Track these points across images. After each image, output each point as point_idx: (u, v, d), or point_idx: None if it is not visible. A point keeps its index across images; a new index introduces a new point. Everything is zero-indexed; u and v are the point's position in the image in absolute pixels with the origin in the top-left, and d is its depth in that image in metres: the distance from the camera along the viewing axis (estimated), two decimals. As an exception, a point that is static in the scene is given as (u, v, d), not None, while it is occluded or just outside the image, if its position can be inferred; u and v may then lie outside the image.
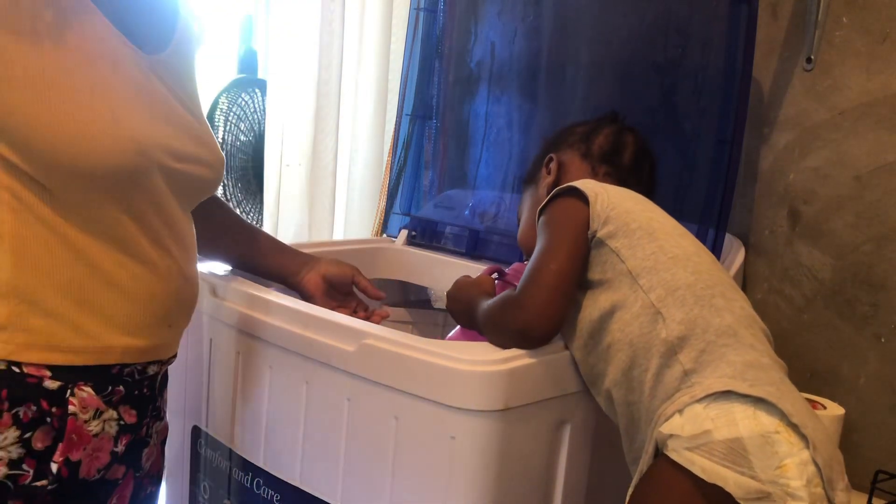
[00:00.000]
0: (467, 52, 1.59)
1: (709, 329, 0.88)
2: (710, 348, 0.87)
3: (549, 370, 0.94)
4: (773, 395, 0.83)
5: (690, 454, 0.82)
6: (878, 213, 1.24)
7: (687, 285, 0.91)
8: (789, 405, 0.83)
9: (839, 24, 1.26)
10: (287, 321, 1.02)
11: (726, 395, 0.83)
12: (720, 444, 0.81)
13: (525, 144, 1.50)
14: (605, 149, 1.17)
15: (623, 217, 0.96)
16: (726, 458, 0.81)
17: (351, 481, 0.98)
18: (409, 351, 0.90)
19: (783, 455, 0.81)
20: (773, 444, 0.81)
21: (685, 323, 0.88)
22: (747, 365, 0.86)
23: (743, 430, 0.81)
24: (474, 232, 1.51)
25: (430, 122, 1.64)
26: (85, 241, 0.81)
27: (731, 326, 0.89)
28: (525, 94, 1.51)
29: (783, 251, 1.34)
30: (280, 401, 1.05)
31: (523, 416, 0.91)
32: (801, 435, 0.81)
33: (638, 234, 0.95)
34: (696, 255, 0.95)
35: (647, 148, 1.20)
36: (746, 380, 0.84)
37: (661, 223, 0.98)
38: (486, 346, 0.93)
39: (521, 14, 1.51)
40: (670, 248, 0.94)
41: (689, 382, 0.86)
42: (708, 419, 0.82)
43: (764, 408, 0.82)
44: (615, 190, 1.01)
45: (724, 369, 0.85)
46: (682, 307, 0.89)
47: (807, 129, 1.30)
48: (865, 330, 1.26)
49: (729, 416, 0.82)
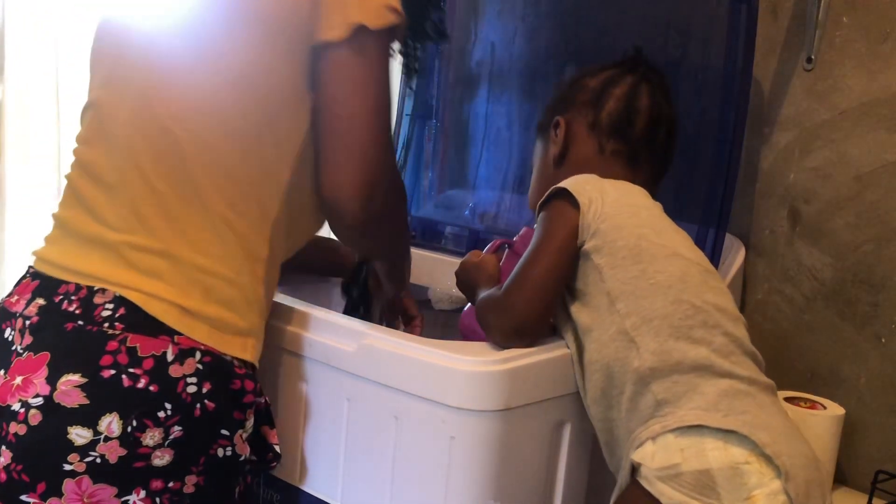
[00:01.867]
0: (467, 52, 1.59)
1: (683, 362, 0.87)
2: (683, 380, 0.87)
3: (549, 370, 0.94)
4: (746, 426, 0.83)
5: (661, 485, 0.84)
6: (878, 213, 1.24)
7: (663, 315, 0.89)
8: (764, 434, 0.83)
9: (839, 24, 1.26)
10: (287, 321, 1.02)
11: (698, 427, 0.84)
12: (689, 475, 0.82)
13: (525, 144, 1.50)
14: (615, 118, 1.07)
15: (611, 234, 0.93)
16: (695, 490, 0.82)
17: (351, 481, 0.98)
18: (409, 351, 0.90)
19: (752, 486, 0.82)
20: (743, 475, 0.82)
21: (658, 354, 0.88)
22: (722, 394, 0.86)
23: (712, 461, 0.82)
24: (474, 232, 1.51)
25: (430, 122, 1.64)
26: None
27: (707, 358, 0.87)
28: (525, 94, 1.51)
29: (783, 251, 1.34)
30: (280, 401, 1.05)
31: (523, 416, 0.91)
32: (773, 465, 0.82)
33: (622, 253, 0.92)
34: (680, 282, 0.91)
35: (663, 109, 1.09)
36: (720, 411, 0.84)
37: (652, 241, 0.94)
38: (486, 345, 0.93)
39: (521, 14, 1.51)
40: (653, 273, 0.91)
41: (662, 412, 0.87)
42: (678, 451, 0.84)
43: (735, 439, 0.83)
44: (613, 197, 0.97)
45: (697, 401, 0.86)
46: (657, 337, 0.88)
47: (807, 129, 1.30)
48: (865, 330, 1.26)
49: (699, 447, 0.83)
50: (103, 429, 0.80)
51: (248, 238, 0.90)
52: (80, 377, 0.81)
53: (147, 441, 0.82)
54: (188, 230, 0.87)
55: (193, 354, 0.84)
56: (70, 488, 0.80)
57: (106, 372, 0.81)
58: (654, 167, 1.10)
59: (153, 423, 0.82)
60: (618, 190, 0.99)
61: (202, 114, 0.88)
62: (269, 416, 0.95)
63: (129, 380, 0.81)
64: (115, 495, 0.81)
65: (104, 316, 0.83)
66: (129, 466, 0.81)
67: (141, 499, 0.82)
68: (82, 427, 0.80)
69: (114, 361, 0.82)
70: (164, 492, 0.83)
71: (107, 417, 0.81)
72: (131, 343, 0.82)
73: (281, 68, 0.89)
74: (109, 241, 0.87)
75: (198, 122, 0.88)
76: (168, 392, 0.82)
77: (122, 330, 0.83)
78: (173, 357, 0.83)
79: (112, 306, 0.84)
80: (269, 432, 0.95)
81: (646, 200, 1.02)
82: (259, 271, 0.91)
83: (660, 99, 1.09)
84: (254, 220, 0.90)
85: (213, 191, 0.87)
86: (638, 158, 1.07)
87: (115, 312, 0.84)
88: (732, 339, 0.90)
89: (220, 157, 0.88)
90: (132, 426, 0.81)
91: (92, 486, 0.81)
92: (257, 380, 0.91)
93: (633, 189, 1.02)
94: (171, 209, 0.87)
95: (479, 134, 1.57)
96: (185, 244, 0.86)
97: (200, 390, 0.84)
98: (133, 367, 0.82)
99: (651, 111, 1.08)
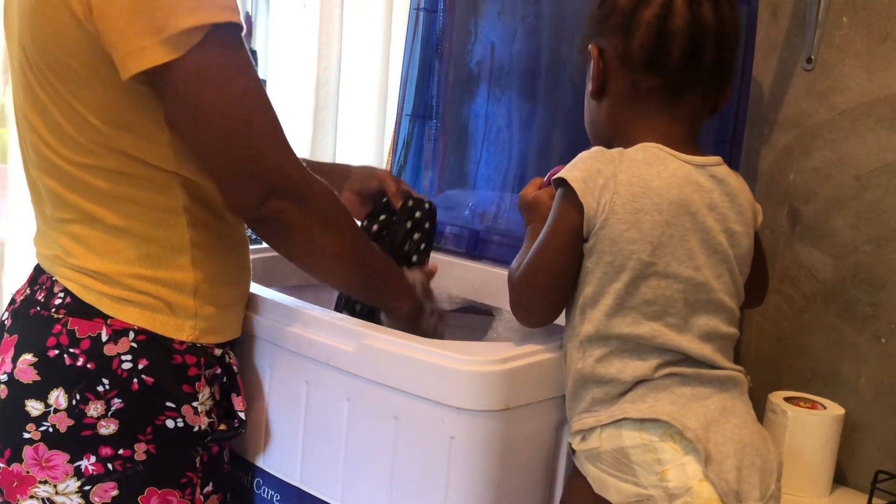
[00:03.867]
0: (467, 52, 1.59)
1: (624, 371, 0.90)
2: (620, 385, 0.90)
3: (549, 370, 0.94)
4: (667, 414, 0.87)
5: (588, 465, 0.91)
6: (878, 213, 1.24)
7: (618, 336, 0.90)
8: (689, 420, 0.87)
9: (839, 24, 1.26)
10: (287, 321, 1.02)
11: (622, 420, 0.89)
12: (608, 454, 0.89)
13: (525, 144, 1.50)
14: (648, 48, 0.92)
15: (603, 244, 0.90)
16: (612, 467, 0.89)
17: (351, 481, 0.98)
18: (409, 351, 0.90)
19: (665, 461, 0.86)
20: (656, 451, 0.86)
21: (601, 365, 0.91)
22: (651, 389, 0.89)
23: (626, 440, 0.88)
24: (474, 232, 1.51)
25: (430, 122, 1.64)
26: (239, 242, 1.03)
27: (649, 368, 0.90)
28: (525, 94, 1.51)
29: (783, 251, 1.34)
30: (280, 401, 1.05)
31: (523, 416, 0.91)
32: (689, 444, 0.86)
33: (606, 268, 0.90)
34: (647, 304, 0.89)
35: (706, 21, 0.91)
36: (646, 403, 0.89)
37: (641, 261, 0.89)
38: (486, 345, 0.93)
39: (521, 14, 1.51)
40: (625, 295, 0.90)
41: (595, 408, 0.91)
42: (598, 438, 0.89)
43: (652, 424, 0.88)
44: (623, 197, 0.89)
45: (630, 397, 0.90)
46: (604, 348, 0.91)
47: (807, 129, 1.30)
48: (865, 330, 1.26)
49: (617, 431, 0.89)
50: (52, 402, 0.91)
51: (155, 236, 0.94)
52: (32, 356, 0.92)
53: (91, 412, 0.91)
54: (97, 245, 0.93)
55: (127, 334, 0.93)
56: (29, 454, 0.91)
57: (51, 352, 0.92)
58: (706, 91, 0.95)
59: (94, 397, 0.91)
60: (632, 184, 0.90)
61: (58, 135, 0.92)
62: (234, 385, 1.02)
63: (69, 359, 0.91)
64: (68, 461, 0.91)
65: (56, 303, 0.94)
66: (77, 435, 0.91)
67: (92, 464, 0.91)
68: (36, 400, 0.91)
69: (57, 342, 0.92)
70: (115, 458, 0.92)
71: (55, 392, 0.91)
72: (71, 326, 0.92)
73: None
74: (53, 241, 0.97)
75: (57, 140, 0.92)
76: (104, 369, 0.91)
77: (65, 314, 0.93)
78: (108, 337, 0.92)
79: (63, 294, 0.94)
80: (235, 399, 1.02)
81: (663, 194, 0.89)
82: (182, 260, 0.95)
83: (702, 8, 0.91)
84: (155, 220, 0.94)
85: (102, 207, 0.92)
86: (681, 90, 0.93)
87: (64, 300, 0.94)
88: (679, 354, 0.90)
89: (91, 182, 0.92)
90: (76, 399, 0.91)
91: (47, 452, 0.91)
92: (205, 354, 0.97)
93: (653, 175, 0.90)
94: (73, 231, 0.94)
95: (479, 134, 1.57)
96: (95, 257, 0.93)
97: (136, 366, 0.92)
98: (73, 347, 0.92)
99: (690, 30, 0.91)
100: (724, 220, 0.92)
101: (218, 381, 1.00)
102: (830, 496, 1.22)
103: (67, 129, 0.90)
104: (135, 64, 0.82)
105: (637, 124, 0.95)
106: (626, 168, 0.90)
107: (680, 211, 0.90)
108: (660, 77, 0.93)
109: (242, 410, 1.02)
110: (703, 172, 0.92)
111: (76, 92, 0.88)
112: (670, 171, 0.91)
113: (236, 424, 1.01)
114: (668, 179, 0.90)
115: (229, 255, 1.02)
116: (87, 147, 0.90)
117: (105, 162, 0.91)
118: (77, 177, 0.92)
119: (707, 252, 0.91)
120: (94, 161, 0.91)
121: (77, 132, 0.90)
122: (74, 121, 0.89)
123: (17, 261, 1.39)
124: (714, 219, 0.91)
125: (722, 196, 0.92)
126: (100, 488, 0.91)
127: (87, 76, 0.87)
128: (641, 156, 0.92)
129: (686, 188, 0.90)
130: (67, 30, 0.85)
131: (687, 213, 0.90)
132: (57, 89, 0.89)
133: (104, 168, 0.91)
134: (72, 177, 0.92)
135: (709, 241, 0.91)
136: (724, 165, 0.95)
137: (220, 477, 1.02)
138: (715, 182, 0.92)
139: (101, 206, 0.92)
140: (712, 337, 0.92)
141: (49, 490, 0.91)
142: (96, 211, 0.92)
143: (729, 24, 0.93)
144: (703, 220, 0.90)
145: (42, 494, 0.91)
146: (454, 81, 1.62)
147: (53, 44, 0.87)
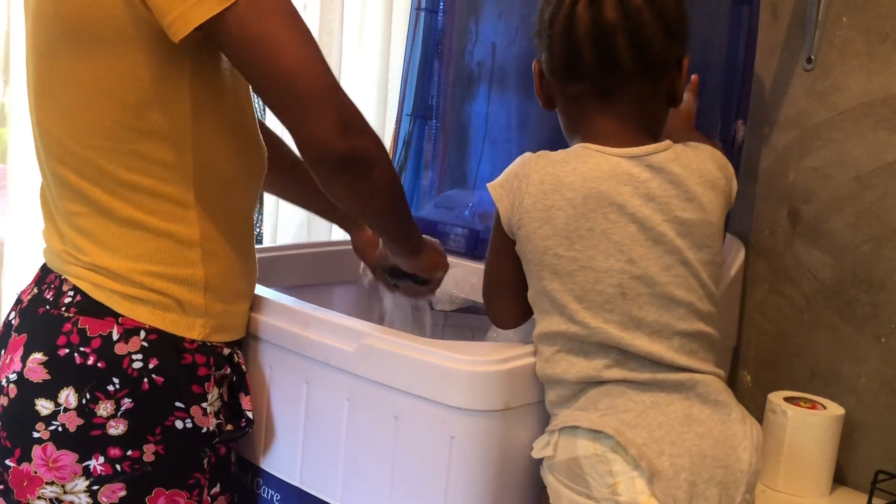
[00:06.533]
0: (467, 52, 1.59)
1: (569, 371, 0.90)
2: (571, 387, 0.90)
3: (549, 370, 0.94)
4: (617, 425, 0.86)
5: (548, 474, 0.91)
6: (878, 213, 1.24)
7: (557, 334, 0.91)
8: (639, 433, 0.86)
9: (839, 24, 1.26)
10: (287, 321, 1.02)
11: (574, 428, 0.89)
12: (562, 463, 0.88)
13: (525, 144, 1.50)
14: (564, 59, 0.93)
15: (522, 244, 0.93)
16: (567, 477, 0.88)
17: (351, 481, 0.98)
18: (409, 351, 0.90)
19: (617, 473, 0.85)
20: (608, 462, 0.86)
21: (549, 365, 0.92)
22: (604, 394, 0.89)
23: (580, 450, 0.87)
24: (474, 232, 1.51)
25: (430, 122, 1.64)
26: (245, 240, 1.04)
27: (595, 369, 0.89)
28: (525, 94, 1.51)
29: (783, 251, 1.34)
30: (280, 401, 1.05)
31: (523, 416, 0.91)
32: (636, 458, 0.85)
33: (530, 266, 0.93)
34: (577, 301, 0.89)
35: (607, 20, 0.90)
36: (598, 410, 0.88)
37: (558, 255, 0.90)
38: (486, 346, 0.93)
39: (522, 14, 1.51)
40: (551, 292, 0.91)
41: (554, 411, 0.92)
42: (553, 446, 0.89)
43: (605, 436, 0.87)
44: (532, 197, 0.91)
45: (582, 402, 0.90)
46: (552, 346, 0.92)
47: (807, 129, 1.30)
48: (865, 330, 1.26)
49: (571, 440, 0.88)
50: (62, 401, 0.90)
51: (166, 230, 0.94)
52: (42, 355, 0.91)
53: (100, 412, 0.90)
54: (107, 240, 0.93)
55: (138, 333, 0.92)
56: (37, 454, 0.90)
57: (62, 351, 0.91)
58: (640, 86, 0.93)
59: (104, 396, 0.90)
60: (544, 182, 0.91)
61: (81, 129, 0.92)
62: (243, 384, 1.02)
63: (80, 357, 0.91)
64: (77, 461, 0.90)
65: (66, 302, 0.93)
66: (87, 434, 0.90)
67: (101, 464, 0.90)
68: (46, 399, 0.90)
69: (67, 341, 0.91)
70: (124, 459, 0.91)
71: (65, 391, 0.90)
72: (82, 325, 0.92)
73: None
74: (63, 238, 0.96)
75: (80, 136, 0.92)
76: (114, 368, 0.91)
77: (75, 313, 0.92)
78: (118, 336, 0.92)
79: (72, 293, 0.93)
80: (243, 398, 1.02)
81: (577, 189, 0.89)
82: (193, 256, 0.95)
83: (603, 10, 0.90)
84: (167, 213, 0.93)
85: (114, 197, 0.92)
86: (609, 90, 0.93)
87: (74, 298, 0.93)
88: (626, 353, 0.88)
89: (106, 168, 0.92)
90: (86, 398, 0.90)
91: (56, 452, 0.90)
92: (214, 354, 0.97)
93: (568, 172, 0.90)
94: (84, 225, 0.94)
95: (479, 134, 1.57)
96: (105, 253, 0.93)
97: (147, 366, 0.92)
98: (83, 346, 0.91)
99: (593, 33, 0.90)
100: (668, 210, 0.89)
101: (227, 381, 1.00)
102: (830, 496, 1.22)
103: (87, 111, 0.90)
104: (198, 15, 0.82)
105: (580, 127, 0.96)
106: (539, 168, 0.92)
107: (599, 204, 0.88)
108: (583, 83, 0.93)
109: (250, 410, 1.02)
110: (637, 163, 0.90)
111: (107, 63, 0.88)
112: (590, 167, 0.90)
113: (243, 424, 1.01)
114: (585, 174, 0.89)
115: (239, 250, 1.01)
116: (107, 128, 0.90)
117: (122, 143, 0.90)
118: (92, 162, 0.91)
119: (647, 244, 0.88)
120: (111, 144, 0.90)
121: (97, 112, 0.90)
122: (96, 100, 0.89)
123: (18, 261, 1.39)
124: (653, 209, 0.88)
125: (663, 184, 0.89)
126: (108, 489, 0.91)
127: (121, 46, 0.87)
128: (561, 155, 0.92)
129: (608, 182, 0.89)
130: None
131: (610, 205, 0.88)
132: (82, 66, 0.89)
133: (121, 150, 0.90)
134: (86, 162, 0.91)
135: (648, 233, 0.88)
136: (668, 151, 0.91)
137: (228, 478, 1.02)
138: (652, 171, 0.89)
139: (113, 196, 0.92)
140: (667, 334, 0.88)
141: (56, 490, 0.90)
142: (108, 202, 0.92)
143: (644, 16, 0.90)
144: (634, 210, 0.88)
145: (49, 495, 0.90)
146: (454, 81, 1.62)
147: (86, 15, 0.87)
